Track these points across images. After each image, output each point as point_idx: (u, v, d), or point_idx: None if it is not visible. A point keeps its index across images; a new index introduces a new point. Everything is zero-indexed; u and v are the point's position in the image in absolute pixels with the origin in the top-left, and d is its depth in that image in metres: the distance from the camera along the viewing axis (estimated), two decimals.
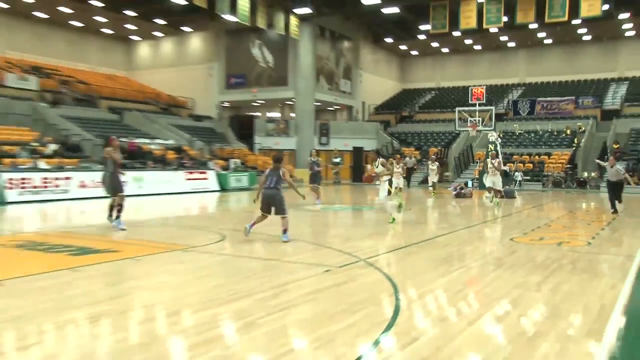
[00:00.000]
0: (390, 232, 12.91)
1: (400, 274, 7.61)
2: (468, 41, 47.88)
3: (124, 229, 12.04)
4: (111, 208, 12.54)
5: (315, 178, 20.63)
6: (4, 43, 40.44)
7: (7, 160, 22.50)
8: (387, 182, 15.05)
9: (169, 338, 5.03)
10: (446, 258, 9.09)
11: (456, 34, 39.95)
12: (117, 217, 12.34)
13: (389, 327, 5.22)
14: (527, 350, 4.69)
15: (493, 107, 34.66)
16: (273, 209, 10.80)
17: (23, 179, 20.53)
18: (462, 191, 24.19)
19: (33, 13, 41.03)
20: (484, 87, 35.27)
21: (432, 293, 6.78)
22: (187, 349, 4.71)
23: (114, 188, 12.39)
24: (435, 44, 49.65)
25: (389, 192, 15.03)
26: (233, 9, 31.92)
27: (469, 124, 33.28)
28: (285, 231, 10.68)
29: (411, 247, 10.22)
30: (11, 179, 20.13)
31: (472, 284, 7.42)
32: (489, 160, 21.68)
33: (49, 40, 43.39)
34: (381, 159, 15.35)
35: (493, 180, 19.54)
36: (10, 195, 19.82)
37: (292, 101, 42.77)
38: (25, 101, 32.27)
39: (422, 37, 45.42)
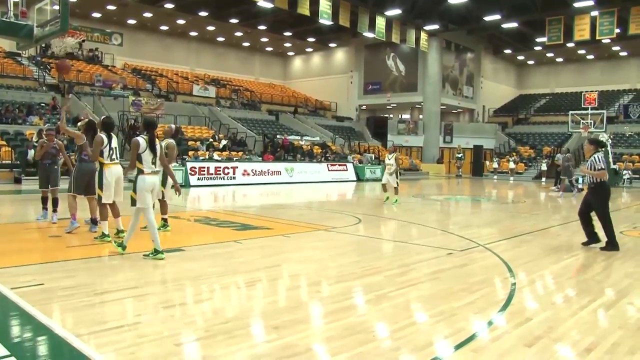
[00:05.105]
0: (506, 222, 12.29)
1: (516, 259, 7.15)
2: (581, 51, 44.36)
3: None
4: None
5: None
6: (193, 62, 43.35)
7: (190, 153, 23.97)
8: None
9: (311, 304, 5.04)
10: (558, 247, 8.43)
11: (570, 44, 37.34)
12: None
13: (504, 307, 4.90)
14: (637, 336, 4.20)
15: (604, 111, 32.00)
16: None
17: (201, 167, 21.76)
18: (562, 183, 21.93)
19: (216, 38, 43.54)
20: (596, 92, 32.87)
21: (544, 278, 6.30)
22: (326, 314, 4.68)
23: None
24: (550, 54, 46.49)
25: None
26: (372, 27, 31.91)
27: (581, 126, 31.07)
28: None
29: (526, 235, 9.61)
30: (193, 167, 21.40)
31: (583, 272, 6.83)
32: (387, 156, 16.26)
33: (225, 58, 45.83)
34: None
35: (388, 178, 15.42)
36: (192, 180, 21.08)
37: (421, 105, 42.07)
38: (206, 106, 34.30)
39: (538, 48, 42.62)
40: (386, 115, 45.72)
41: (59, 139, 10.20)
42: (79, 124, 9.04)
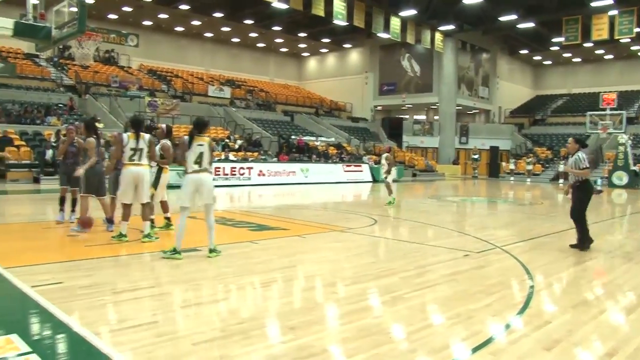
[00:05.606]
0: (523, 223, 12.19)
1: (533, 262, 7.09)
2: (599, 51, 43.81)
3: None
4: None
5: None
6: (208, 63, 43.57)
7: None
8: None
9: (326, 305, 5.03)
10: (577, 249, 8.34)
11: (588, 44, 36.91)
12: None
13: (522, 310, 4.85)
14: None
15: (624, 112, 31.64)
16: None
17: (217, 168, 21.83)
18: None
19: (231, 39, 43.71)
20: (615, 93, 32.47)
21: (563, 281, 6.24)
22: (341, 315, 4.67)
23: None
24: (567, 54, 46.01)
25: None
26: (386, 27, 31.85)
27: (599, 127, 30.76)
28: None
29: (544, 237, 9.52)
30: None
31: (603, 275, 6.74)
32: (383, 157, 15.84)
33: (240, 59, 46.00)
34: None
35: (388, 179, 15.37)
36: None
37: (436, 105, 41.88)
38: (221, 107, 34.48)
39: (554, 48, 42.21)
40: (401, 116, 45.58)
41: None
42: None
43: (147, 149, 7.72)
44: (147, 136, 7.77)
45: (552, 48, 42.52)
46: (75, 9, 12.04)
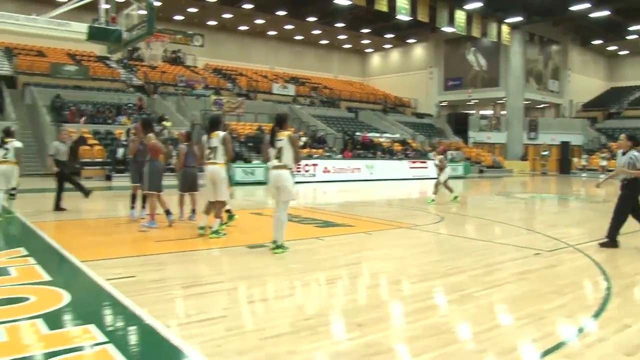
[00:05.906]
0: (597, 221, 11.66)
1: (610, 262, 6.76)
2: None
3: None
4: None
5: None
6: (273, 61, 44.15)
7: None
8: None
9: (392, 302, 4.98)
10: None
11: None
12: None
13: (599, 312, 4.62)
14: None
15: None
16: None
17: None
18: None
19: (294, 37, 44.13)
20: None
21: None
22: (408, 313, 4.62)
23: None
24: None
25: None
26: (451, 21, 31.28)
27: None
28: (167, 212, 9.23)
29: (620, 236, 8.97)
30: None
31: None
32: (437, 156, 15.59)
33: (303, 56, 46.40)
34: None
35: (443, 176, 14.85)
36: None
37: (503, 100, 40.78)
38: (285, 104, 34.86)
39: (632, 37, 39.99)
40: (467, 112, 44.60)
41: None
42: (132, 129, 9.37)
43: (221, 147, 7.83)
44: (221, 134, 7.88)
45: (628, 37, 40.32)
46: (144, 12, 12.51)
